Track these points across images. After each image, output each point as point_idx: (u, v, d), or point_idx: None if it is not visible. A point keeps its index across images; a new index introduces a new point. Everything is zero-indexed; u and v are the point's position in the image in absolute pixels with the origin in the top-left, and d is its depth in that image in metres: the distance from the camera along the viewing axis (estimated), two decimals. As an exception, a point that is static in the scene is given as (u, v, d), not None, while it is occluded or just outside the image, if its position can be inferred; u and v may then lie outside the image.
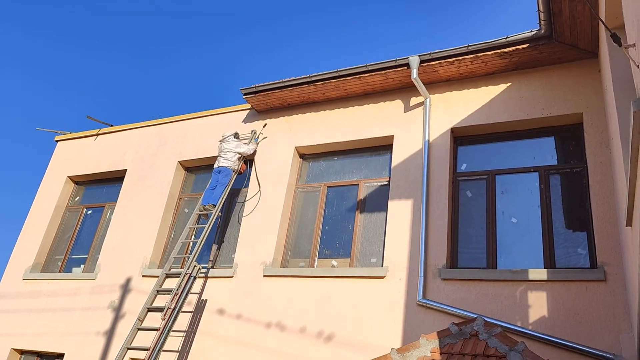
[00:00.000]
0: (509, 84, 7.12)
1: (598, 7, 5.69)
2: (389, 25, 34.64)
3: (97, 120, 10.78)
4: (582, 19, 6.01)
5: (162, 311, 6.84)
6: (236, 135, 8.65)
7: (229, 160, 8.28)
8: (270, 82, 8.39)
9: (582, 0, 5.67)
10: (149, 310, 7.20)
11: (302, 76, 8.13)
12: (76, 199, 10.60)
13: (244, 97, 8.68)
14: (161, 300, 7.44)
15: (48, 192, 10.58)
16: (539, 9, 6.03)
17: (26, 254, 9.93)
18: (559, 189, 6.49)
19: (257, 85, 8.48)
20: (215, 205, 7.95)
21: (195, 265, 7.30)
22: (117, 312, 8.28)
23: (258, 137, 8.71)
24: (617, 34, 3.30)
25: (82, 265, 9.51)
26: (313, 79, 8.04)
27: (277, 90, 8.39)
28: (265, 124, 8.76)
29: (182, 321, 7.54)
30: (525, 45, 6.67)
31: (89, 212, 10.25)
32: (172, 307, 6.84)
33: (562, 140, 6.78)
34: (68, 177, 10.61)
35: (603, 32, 5.40)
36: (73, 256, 9.80)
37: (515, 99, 6.97)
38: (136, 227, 9.02)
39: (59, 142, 11.36)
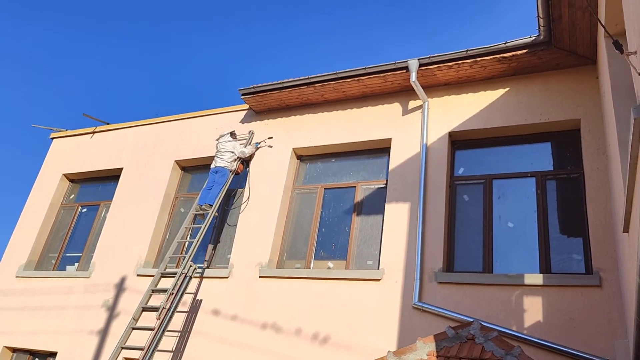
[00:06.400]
0: (507, 89, 7.15)
1: (598, 15, 5.73)
2: (389, 29, 34.74)
3: (94, 118, 10.75)
4: (581, 25, 6.04)
5: (157, 311, 6.81)
6: (233, 135, 8.63)
7: (225, 161, 8.27)
8: (269, 83, 8.38)
9: (582, 7, 5.70)
10: (144, 309, 7.16)
11: (301, 77, 8.13)
12: (71, 197, 10.54)
13: (242, 97, 8.66)
14: (156, 300, 7.41)
15: (43, 190, 10.52)
16: (538, 15, 6.06)
17: (20, 252, 9.86)
18: (555, 195, 6.52)
19: (255, 85, 8.47)
20: (211, 206, 7.93)
21: (190, 265, 7.28)
22: (111, 311, 8.24)
23: (259, 143, 8.66)
24: (619, 41, 3.32)
25: (76, 264, 9.46)
26: (312, 80, 8.04)
27: (275, 91, 8.38)
28: (271, 137, 8.65)
29: (177, 321, 7.51)
30: (524, 51, 6.70)
31: (83, 210, 10.20)
32: (168, 306, 6.82)
33: (559, 146, 6.81)
34: (63, 174, 10.56)
35: (602, 38, 5.43)
36: (67, 254, 9.75)
37: (513, 104, 6.99)
38: (131, 226, 8.98)
39: (54, 140, 11.30)
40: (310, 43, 37.71)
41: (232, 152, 8.32)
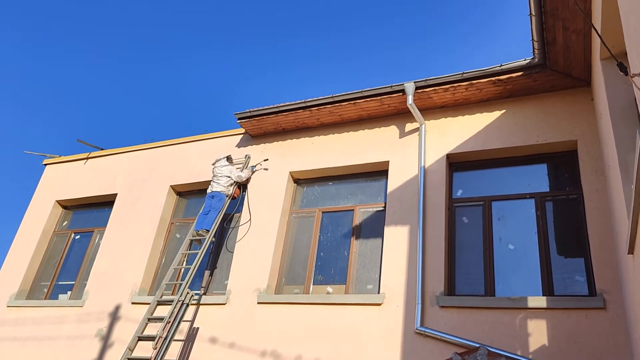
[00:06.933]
0: (503, 111, 7.19)
1: (591, 37, 5.80)
2: (384, 52, 35.18)
3: (88, 144, 10.66)
4: (575, 48, 6.11)
5: (153, 340, 6.65)
6: (229, 159, 8.58)
7: (222, 185, 8.20)
8: (265, 107, 8.37)
9: (576, 30, 5.78)
10: (140, 339, 6.99)
11: (297, 101, 8.14)
12: (64, 224, 10.39)
13: (238, 121, 8.64)
14: (152, 329, 7.24)
15: (35, 217, 10.36)
16: (533, 39, 6.13)
17: (11, 280, 9.65)
18: (555, 216, 6.50)
19: (251, 110, 8.46)
20: (208, 231, 7.84)
21: (187, 292, 7.15)
22: (106, 341, 8.04)
23: (255, 166, 8.62)
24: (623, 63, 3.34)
25: (69, 292, 9.26)
26: (308, 104, 8.05)
27: (271, 115, 8.37)
28: (267, 160, 8.62)
29: (174, 350, 7.34)
30: (519, 73, 6.76)
31: (77, 237, 10.04)
32: (164, 335, 6.66)
33: (557, 167, 6.83)
34: (56, 201, 10.41)
35: (597, 61, 5.49)
36: (60, 282, 9.55)
37: (509, 126, 7.03)
38: (126, 253, 8.84)
39: (47, 166, 11.18)
40: (305, 65, 38.08)
41: (229, 177, 8.27)
